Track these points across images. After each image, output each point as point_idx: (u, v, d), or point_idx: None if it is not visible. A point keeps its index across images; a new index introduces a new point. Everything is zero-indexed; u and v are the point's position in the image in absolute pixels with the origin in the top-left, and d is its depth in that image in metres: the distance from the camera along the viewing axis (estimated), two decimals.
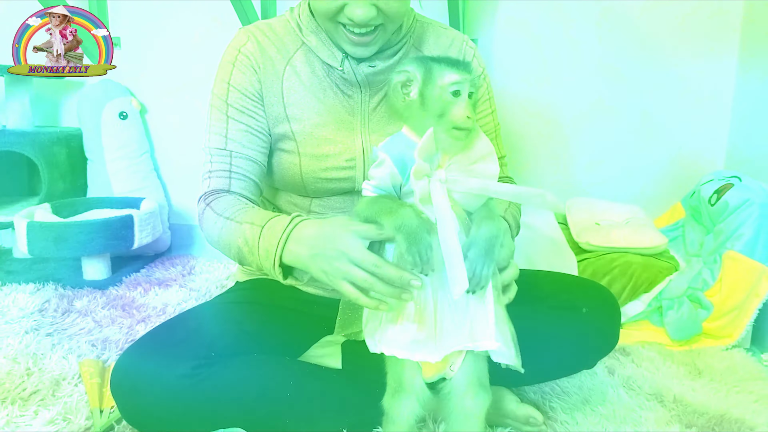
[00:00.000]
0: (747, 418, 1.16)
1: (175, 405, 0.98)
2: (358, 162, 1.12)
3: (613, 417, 1.16)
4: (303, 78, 1.13)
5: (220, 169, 1.11)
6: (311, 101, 1.13)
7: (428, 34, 1.20)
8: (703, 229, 1.68)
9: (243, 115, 1.12)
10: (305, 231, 0.94)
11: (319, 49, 1.12)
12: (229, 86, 1.12)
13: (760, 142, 1.62)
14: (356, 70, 1.11)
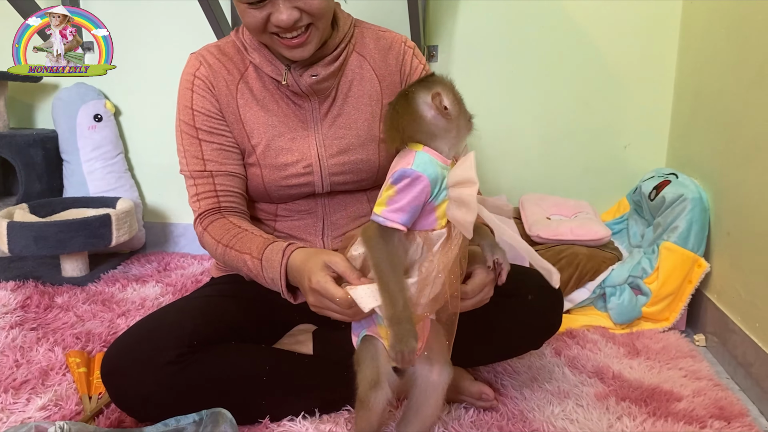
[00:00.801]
0: (676, 390, 1.30)
1: (161, 389, 1.07)
2: (315, 167, 1.21)
3: (558, 392, 1.29)
4: (255, 93, 1.21)
5: (206, 191, 1.21)
6: (265, 115, 1.21)
7: (367, 37, 1.27)
8: (645, 222, 1.83)
9: (213, 135, 1.21)
10: (293, 263, 1.05)
11: (264, 66, 1.19)
12: (193, 111, 1.21)
13: (695, 141, 1.77)
14: (299, 81, 1.18)
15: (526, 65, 2.02)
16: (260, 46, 1.19)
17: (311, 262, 1.00)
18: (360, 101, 1.24)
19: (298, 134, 1.22)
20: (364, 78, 1.24)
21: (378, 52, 1.26)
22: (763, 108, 1.34)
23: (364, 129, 1.23)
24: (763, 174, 1.33)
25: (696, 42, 1.80)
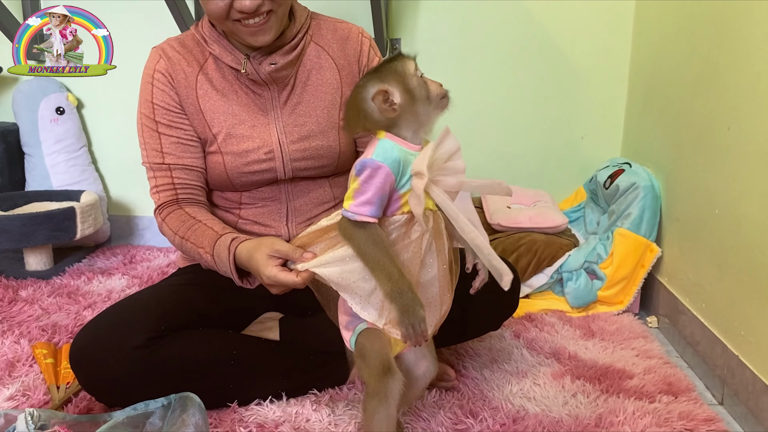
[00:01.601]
0: (628, 368, 1.37)
1: (131, 374, 1.09)
2: (276, 153, 1.24)
3: (516, 372, 1.35)
4: (215, 84, 1.24)
5: (164, 183, 1.25)
6: (225, 104, 1.24)
7: (324, 29, 1.30)
8: (600, 210, 1.90)
9: (172, 129, 1.24)
10: (241, 260, 1.11)
11: (224, 56, 1.22)
12: (153, 105, 1.24)
13: (648, 132, 1.84)
14: (259, 70, 1.21)
15: (486, 59, 2.07)
16: (219, 37, 1.22)
17: (255, 259, 1.06)
18: (319, 89, 1.27)
19: (259, 122, 1.25)
20: (323, 67, 1.28)
21: (336, 43, 1.30)
22: (710, 100, 1.41)
23: (323, 116, 1.27)
24: (710, 162, 1.40)
25: (648, 38, 1.87)
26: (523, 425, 1.14)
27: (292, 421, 1.15)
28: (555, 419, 1.16)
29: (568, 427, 1.13)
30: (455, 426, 1.14)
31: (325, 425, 1.14)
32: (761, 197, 1.17)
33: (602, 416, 1.17)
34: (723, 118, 1.33)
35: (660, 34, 1.77)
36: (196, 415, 1.03)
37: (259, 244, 1.07)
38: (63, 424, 1.00)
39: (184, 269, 1.35)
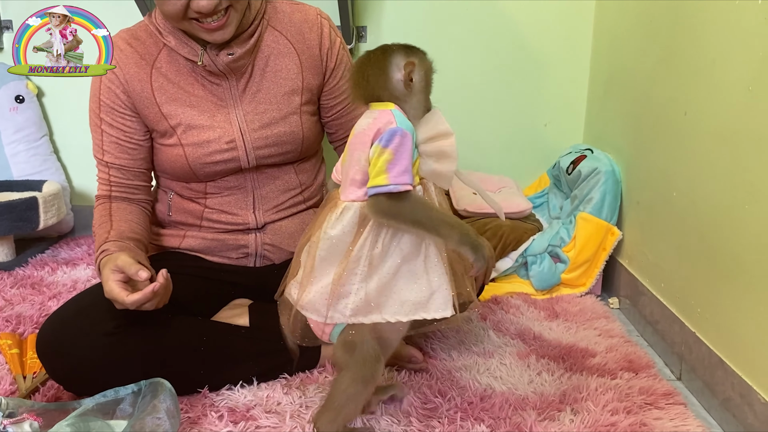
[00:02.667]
0: (590, 347, 1.41)
1: (99, 362, 1.08)
2: (238, 142, 1.25)
3: (483, 353, 1.38)
4: (170, 76, 1.23)
5: (102, 178, 1.31)
6: (182, 96, 1.23)
7: (281, 12, 1.30)
8: (563, 195, 1.94)
9: (113, 128, 1.24)
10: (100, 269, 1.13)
11: (179, 48, 1.21)
12: (100, 101, 1.24)
13: (609, 119, 1.88)
14: (216, 61, 1.20)
15: (451, 47, 2.09)
16: (175, 29, 1.21)
17: (103, 274, 1.09)
18: (279, 76, 1.27)
19: (218, 111, 1.24)
20: (282, 53, 1.27)
21: (293, 26, 1.29)
22: (667, 86, 1.46)
23: (284, 102, 1.27)
24: (668, 147, 1.45)
25: (609, 26, 1.91)
26: (490, 403, 1.16)
27: (264, 405, 1.16)
28: (521, 396, 1.19)
29: (533, 404, 1.16)
30: (425, 405, 1.16)
31: (296, 408, 1.15)
32: (717, 180, 1.22)
33: (566, 393, 1.21)
34: (680, 103, 1.38)
35: (620, 22, 1.81)
36: (167, 400, 1.03)
37: (109, 260, 1.10)
38: (32, 412, 1.00)
39: (154, 257, 1.35)
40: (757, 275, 1.07)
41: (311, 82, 1.31)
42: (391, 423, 1.11)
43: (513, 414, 1.14)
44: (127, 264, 1.06)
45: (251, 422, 1.11)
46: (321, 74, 1.32)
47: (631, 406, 1.16)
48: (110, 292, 1.04)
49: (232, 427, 1.09)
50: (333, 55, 1.33)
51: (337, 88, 1.35)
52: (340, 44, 1.34)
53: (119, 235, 1.20)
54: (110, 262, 1.08)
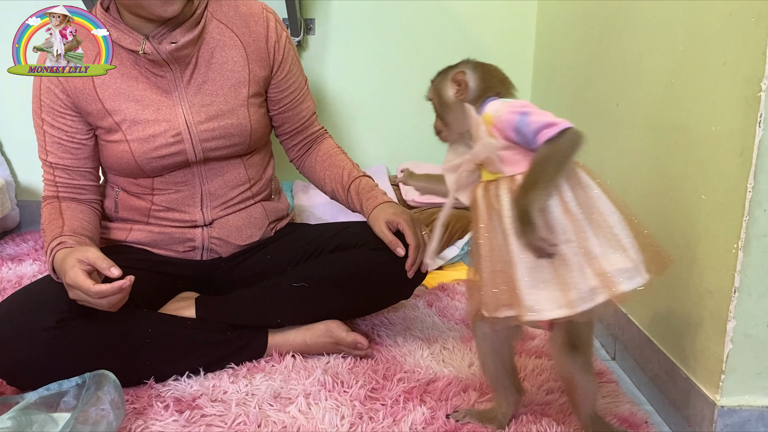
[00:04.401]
0: (531, 330, 1.45)
1: (42, 356, 1.08)
2: (184, 135, 1.25)
3: (427, 339, 1.42)
4: (113, 71, 1.22)
5: (48, 180, 1.30)
6: (126, 90, 1.23)
7: (225, 5, 1.30)
8: None
9: (54, 129, 1.24)
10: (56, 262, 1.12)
11: (121, 39, 1.20)
12: (41, 102, 1.23)
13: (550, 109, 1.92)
14: (159, 50, 1.20)
15: (399, 38, 2.13)
16: (115, 21, 1.20)
17: (66, 261, 1.07)
18: (225, 67, 1.28)
19: (163, 104, 1.24)
20: (227, 45, 1.28)
21: (239, 19, 1.30)
22: (601, 78, 1.51)
23: (231, 95, 1.28)
24: (603, 137, 1.50)
25: (549, 24, 1.97)
26: (434, 386, 1.20)
27: (210, 394, 1.18)
28: (462, 379, 1.24)
29: (474, 386, 1.21)
30: (369, 389, 1.19)
31: (242, 396, 1.17)
32: (645, 168, 1.28)
33: None
34: (612, 95, 1.43)
35: (560, 20, 1.86)
36: (111, 392, 1.04)
37: (75, 250, 1.10)
38: None
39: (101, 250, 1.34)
40: (678, 257, 1.13)
41: (258, 74, 1.32)
42: (336, 405, 1.14)
43: (454, 396, 1.18)
44: (99, 258, 1.06)
45: (196, 411, 1.12)
46: (268, 67, 1.33)
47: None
48: (75, 278, 1.03)
49: (177, 417, 1.10)
50: (280, 48, 1.34)
51: (285, 81, 1.36)
52: (286, 38, 1.36)
53: (72, 231, 1.20)
54: (77, 252, 1.07)
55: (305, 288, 1.29)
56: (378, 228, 1.31)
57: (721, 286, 1.00)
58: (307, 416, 1.11)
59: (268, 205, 1.40)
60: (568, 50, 1.77)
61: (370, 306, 1.39)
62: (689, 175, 1.10)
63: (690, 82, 1.10)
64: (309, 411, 1.13)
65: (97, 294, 1.03)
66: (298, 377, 1.24)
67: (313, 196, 1.96)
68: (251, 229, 1.36)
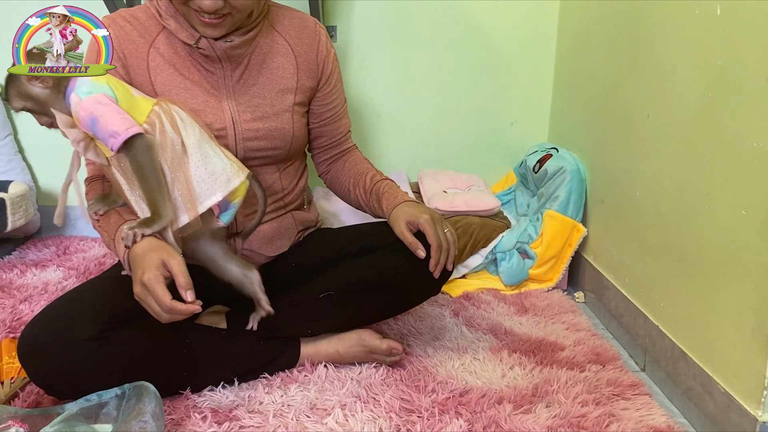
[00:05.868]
0: (560, 341, 1.46)
1: (83, 367, 1.08)
2: (229, 131, 1.25)
3: (457, 348, 1.42)
4: (167, 58, 1.23)
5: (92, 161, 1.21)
6: (177, 78, 1.23)
7: (281, 15, 1.32)
8: (530, 193, 2.00)
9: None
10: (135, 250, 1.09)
11: (178, 31, 1.21)
12: None
13: (573, 118, 1.95)
14: (214, 46, 1.21)
15: (420, 47, 2.13)
16: (176, 13, 1.21)
17: (149, 257, 1.05)
18: (275, 73, 1.29)
19: (211, 98, 1.25)
20: (279, 52, 1.30)
21: (293, 30, 1.32)
22: (630, 89, 1.52)
23: (278, 99, 1.29)
24: (631, 148, 1.51)
25: (572, 28, 1.97)
26: (467, 398, 1.21)
27: (246, 405, 1.18)
28: (496, 391, 1.24)
29: (508, 398, 1.21)
30: (405, 399, 1.20)
31: (278, 407, 1.18)
32: (678, 181, 1.28)
33: (538, 386, 1.26)
34: (642, 106, 1.44)
35: (583, 26, 1.87)
36: (151, 403, 1.04)
37: (162, 249, 1.08)
38: (16, 419, 1.00)
39: None
40: (716, 272, 1.14)
41: (305, 84, 1.34)
42: (373, 417, 1.14)
43: (489, 408, 1.18)
44: (182, 273, 1.05)
45: (235, 422, 1.13)
46: (316, 79, 1.36)
47: (599, 398, 1.22)
48: (154, 284, 1.03)
49: (216, 428, 1.11)
50: (329, 63, 1.37)
51: (329, 95, 1.39)
52: (334, 55, 1.39)
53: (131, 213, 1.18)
54: (163, 252, 1.06)
55: (332, 296, 1.29)
56: (398, 229, 1.29)
57: (763, 302, 1.00)
58: (345, 428, 1.12)
59: (298, 215, 1.40)
60: (593, 57, 1.77)
61: (398, 307, 1.37)
62: (727, 190, 1.10)
63: (729, 98, 1.10)
64: (347, 423, 1.13)
65: (169, 309, 1.03)
66: (333, 388, 1.24)
67: (336, 203, 1.96)
68: (281, 240, 1.36)
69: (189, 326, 1.24)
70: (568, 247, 1.79)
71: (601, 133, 1.71)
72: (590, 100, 1.79)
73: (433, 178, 2.02)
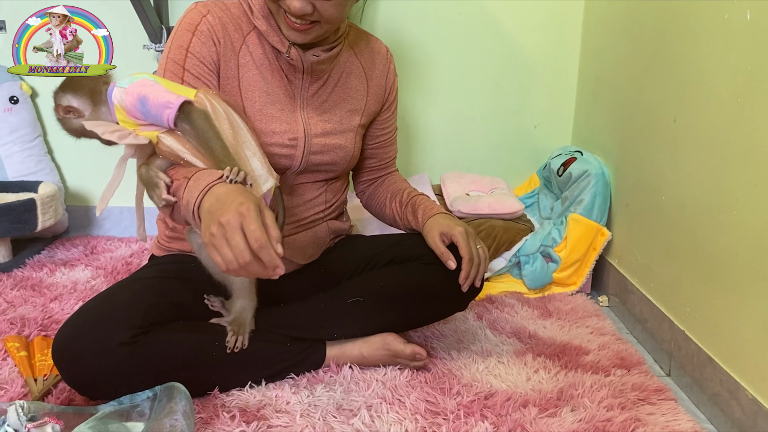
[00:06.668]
0: (584, 345, 1.46)
1: (117, 371, 1.10)
2: (299, 142, 1.26)
3: (482, 352, 1.42)
4: (255, 58, 1.23)
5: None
6: (260, 81, 1.24)
7: (360, 38, 1.36)
8: (554, 196, 2.00)
9: (198, 81, 1.20)
10: (226, 188, 1.00)
11: (269, 34, 1.21)
12: (187, 53, 1.19)
13: (597, 121, 1.94)
14: (303, 57, 1.22)
15: (444, 49, 2.13)
16: (269, 15, 1.21)
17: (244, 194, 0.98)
18: (348, 92, 1.32)
19: (286, 106, 1.26)
20: (353, 73, 1.33)
21: (368, 54, 1.36)
22: (654, 91, 1.51)
23: (346, 118, 1.32)
24: (657, 151, 1.50)
25: (596, 32, 1.97)
26: (493, 401, 1.21)
27: (273, 404, 1.20)
28: (521, 394, 1.24)
29: (533, 401, 1.21)
30: (430, 401, 1.21)
31: (305, 407, 1.19)
32: (706, 186, 1.28)
33: (563, 390, 1.26)
34: (669, 110, 1.43)
35: (608, 28, 1.86)
36: (182, 402, 1.06)
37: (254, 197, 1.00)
38: (53, 416, 1.02)
39: (160, 259, 1.37)
40: (744, 277, 1.13)
41: (371, 108, 1.38)
42: (399, 419, 1.15)
43: (514, 411, 1.18)
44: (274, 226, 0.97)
45: (263, 422, 1.14)
46: (380, 104, 1.40)
47: (625, 402, 1.22)
48: (251, 210, 0.94)
49: (244, 427, 1.12)
50: (393, 90, 1.43)
51: (387, 120, 1.44)
52: (397, 83, 1.44)
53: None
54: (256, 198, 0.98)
55: (360, 302, 1.31)
56: (431, 239, 1.32)
57: None
58: (371, 429, 1.13)
59: (332, 224, 1.41)
60: (618, 60, 1.77)
61: (425, 319, 1.40)
62: (758, 195, 1.10)
63: (759, 102, 1.10)
64: (373, 424, 1.14)
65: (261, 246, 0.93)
66: (358, 389, 1.25)
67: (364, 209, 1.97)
68: (314, 248, 1.37)
69: (219, 328, 1.26)
70: (593, 251, 1.79)
71: (626, 136, 1.70)
72: (615, 103, 1.79)
73: (455, 180, 2.03)
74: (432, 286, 1.32)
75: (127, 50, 2.07)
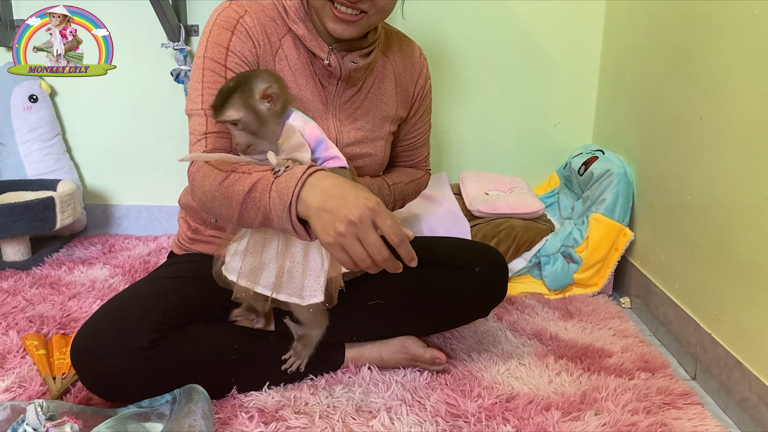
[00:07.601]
0: (606, 347, 1.44)
1: (134, 374, 1.08)
2: None
3: (502, 353, 1.40)
4: (290, 61, 1.21)
5: (218, 130, 1.13)
6: (294, 84, 1.21)
7: (393, 41, 1.33)
8: (574, 196, 1.97)
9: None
10: (323, 182, 0.96)
11: (306, 39, 1.19)
12: (228, 51, 1.15)
13: (619, 120, 1.91)
14: (342, 64, 1.19)
15: (462, 47, 2.11)
16: (306, 17, 1.19)
17: (361, 189, 0.94)
18: (380, 100, 1.30)
19: (318, 111, 1.24)
20: (386, 79, 1.31)
21: (401, 58, 1.33)
22: (679, 89, 1.48)
23: (378, 126, 1.30)
24: (683, 150, 1.47)
25: (618, 29, 1.93)
26: (514, 403, 1.19)
27: (292, 405, 1.18)
28: (543, 397, 1.22)
29: (556, 404, 1.19)
30: (451, 403, 1.19)
31: (324, 408, 1.18)
32: (733, 186, 1.25)
33: (586, 393, 1.23)
34: (695, 108, 1.40)
35: (630, 26, 1.83)
36: (201, 403, 1.05)
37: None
38: (72, 415, 1.02)
39: (180, 258, 1.36)
40: None
41: (400, 114, 1.36)
42: (419, 421, 1.14)
43: (536, 414, 1.16)
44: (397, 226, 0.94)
45: (281, 423, 1.13)
46: (407, 110, 1.37)
47: (650, 406, 1.19)
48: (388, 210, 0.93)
49: (263, 428, 1.11)
50: (422, 97, 1.39)
51: (415, 124, 1.41)
52: (429, 88, 1.40)
53: None
54: (375, 195, 0.95)
55: (380, 305, 1.29)
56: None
57: None
58: (391, 431, 1.11)
59: None
60: (640, 58, 1.74)
61: (446, 324, 1.38)
62: None
63: None
64: (392, 426, 1.13)
65: (401, 240, 0.92)
66: (377, 390, 1.24)
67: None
68: None
69: (238, 330, 1.25)
70: (614, 252, 1.76)
71: (649, 135, 1.67)
72: (638, 102, 1.76)
73: (474, 180, 2.01)
74: (455, 293, 1.30)
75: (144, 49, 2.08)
